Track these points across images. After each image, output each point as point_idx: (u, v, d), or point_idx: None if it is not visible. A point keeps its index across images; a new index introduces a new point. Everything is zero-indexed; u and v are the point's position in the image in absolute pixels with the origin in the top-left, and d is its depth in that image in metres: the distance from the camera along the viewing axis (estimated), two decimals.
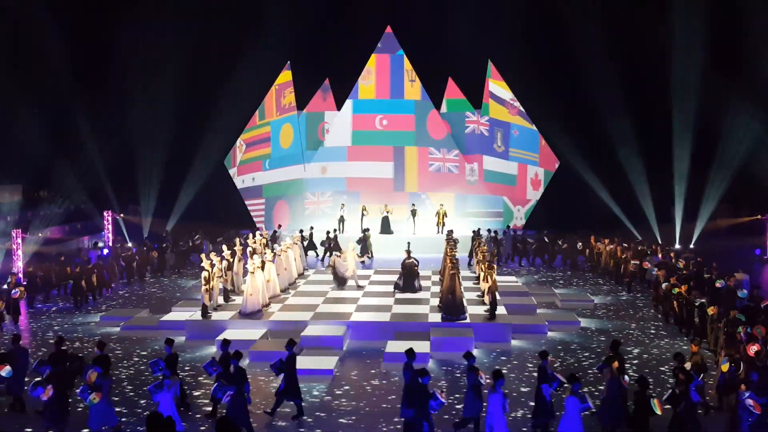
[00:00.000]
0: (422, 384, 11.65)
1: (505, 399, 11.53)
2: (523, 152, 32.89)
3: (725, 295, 18.36)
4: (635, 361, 16.37)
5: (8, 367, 12.94)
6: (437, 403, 11.56)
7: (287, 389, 13.11)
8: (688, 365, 12.70)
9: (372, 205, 32.21)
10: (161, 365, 12.42)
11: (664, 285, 19.93)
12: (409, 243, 24.00)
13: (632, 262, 24.18)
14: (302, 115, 33.55)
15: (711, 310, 16.55)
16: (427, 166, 33.36)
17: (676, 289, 18.87)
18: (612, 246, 26.37)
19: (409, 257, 22.46)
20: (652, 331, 19.18)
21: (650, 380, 13.25)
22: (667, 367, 15.74)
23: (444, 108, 33.43)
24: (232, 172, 34.72)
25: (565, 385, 12.24)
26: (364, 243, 28.61)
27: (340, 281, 22.91)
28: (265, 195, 34.26)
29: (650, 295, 23.02)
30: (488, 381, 12.38)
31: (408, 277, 22.32)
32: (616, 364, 12.60)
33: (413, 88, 33.24)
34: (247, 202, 34.55)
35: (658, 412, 11.45)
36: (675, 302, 18.96)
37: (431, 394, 11.59)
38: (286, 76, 33.75)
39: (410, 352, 12.60)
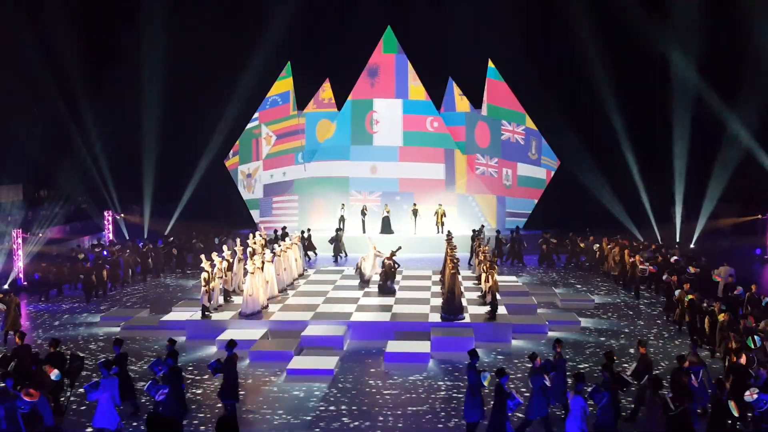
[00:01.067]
0: (500, 384, 11.67)
1: (586, 402, 11.49)
2: (549, 160, 33.36)
3: (746, 303, 18.21)
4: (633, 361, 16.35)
5: (57, 371, 12.68)
6: (514, 402, 11.55)
7: (227, 390, 13.03)
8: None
9: (425, 205, 32.02)
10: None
11: (677, 292, 19.12)
12: (399, 247, 23.53)
13: (640, 267, 23.33)
14: (347, 103, 32.72)
15: (722, 317, 16.19)
16: (474, 168, 33.37)
17: (689, 296, 18.18)
18: (616, 249, 26.00)
19: (390, 258, 22.33)
20: (653, 331, 19.21)
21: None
22: (664, 364, 15.74)
23: (484, 111, 33.35)
24: (251, 166, 33.41)
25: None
26: (336, 243, 28.46)
27: (366, 282, 22.93)
28: (297, 191, 33.37)
29: (650, 295, 23.00)
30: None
31: (384, 276, 22.28)
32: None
33: (462, 101, 33.31)
34: (275, 199, 33.63)
35: (736, 413, 11.44)
36: (687, 309, 18.24)
37: (509, 393, 11.58)
38: (286, 82, 33.60)
39: (473, 353, 12.53)
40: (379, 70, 32.90)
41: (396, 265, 22.49)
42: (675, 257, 24.50)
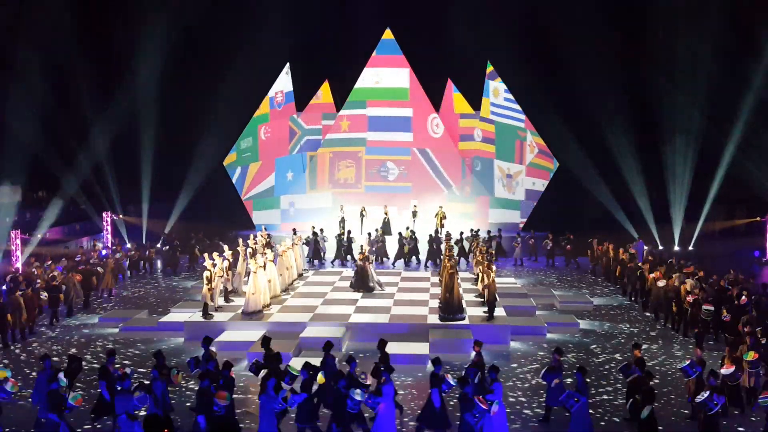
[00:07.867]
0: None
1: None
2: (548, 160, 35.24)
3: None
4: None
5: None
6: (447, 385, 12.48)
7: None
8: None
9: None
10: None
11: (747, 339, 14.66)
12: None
13: (705, 308, 17.25)
14: None
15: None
16: None
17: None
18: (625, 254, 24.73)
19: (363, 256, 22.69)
20: (652, 333, 19.23)
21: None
22: (666, 367, 15.76)
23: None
24: (512, 167, 34.48)
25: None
26: (315, 245, 28.20)
27: (368, 288, 22.77)
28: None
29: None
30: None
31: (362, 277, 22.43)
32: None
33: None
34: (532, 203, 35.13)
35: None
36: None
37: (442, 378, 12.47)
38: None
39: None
40: None
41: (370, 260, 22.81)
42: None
